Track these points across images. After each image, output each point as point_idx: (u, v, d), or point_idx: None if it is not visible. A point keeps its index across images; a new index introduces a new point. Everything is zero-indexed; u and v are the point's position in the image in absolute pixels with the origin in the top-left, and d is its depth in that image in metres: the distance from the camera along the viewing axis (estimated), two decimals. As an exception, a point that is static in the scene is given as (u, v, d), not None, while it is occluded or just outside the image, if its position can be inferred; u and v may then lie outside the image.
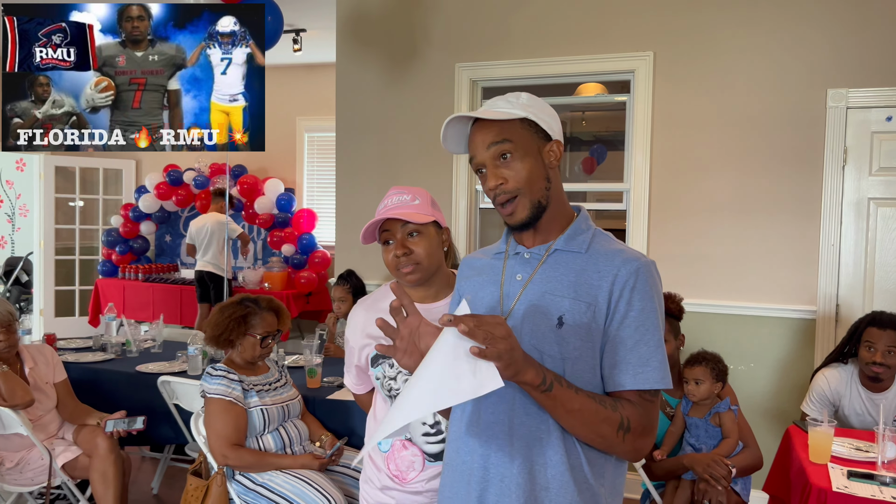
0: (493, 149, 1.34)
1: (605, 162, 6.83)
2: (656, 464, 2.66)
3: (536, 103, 1.39)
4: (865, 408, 2.87)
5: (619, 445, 1.29)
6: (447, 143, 1.41)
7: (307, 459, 2.77)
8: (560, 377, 1.25)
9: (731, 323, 3.72)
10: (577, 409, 1.24)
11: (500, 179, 1.35)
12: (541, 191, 1.36)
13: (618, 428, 1.27)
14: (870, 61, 3.45)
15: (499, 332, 1.13)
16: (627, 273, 1.31)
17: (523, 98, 1.39)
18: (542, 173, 1.36)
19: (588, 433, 1.28)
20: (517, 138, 1.34)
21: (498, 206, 1.38)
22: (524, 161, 1.34)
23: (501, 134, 1.34)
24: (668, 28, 3.78)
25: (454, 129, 1.39)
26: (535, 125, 1.36)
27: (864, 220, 3.50)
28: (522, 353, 1.19)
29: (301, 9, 5.65)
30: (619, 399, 1.30)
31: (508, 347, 1.14)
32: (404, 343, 1.28)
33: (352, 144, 4.55)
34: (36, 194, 7.66)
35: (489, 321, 1.14)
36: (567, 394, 1.24)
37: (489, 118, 1.34)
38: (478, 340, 1.11)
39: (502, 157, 1.34)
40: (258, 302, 2.95)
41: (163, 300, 7.10)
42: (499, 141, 1.34)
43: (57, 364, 3.31)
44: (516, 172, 1.34)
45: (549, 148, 1.38)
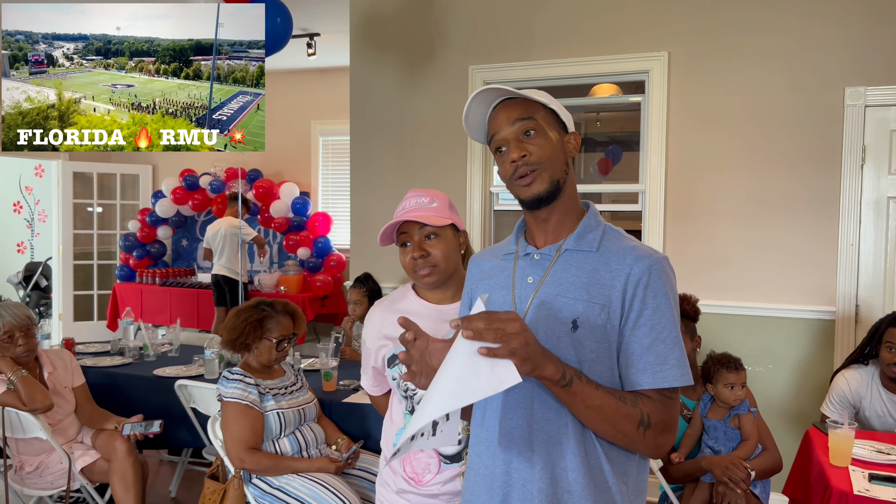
0: (519, 125, 1.34)
1: (621, 163, 6.80)
2: (674, 466, 2.64)
3: (554, 101, 1.41)
4: (887, 409, 2.83)
5: (640, 442, 1.28)
6: (468, 124, 1.40)
7: (323, 463, 2.77)
8: (580, 372, 1.24)
9: (749, 324, 3.69)
10: (597, 404, 1.23)
11: (524, 151, 1.34)
12: (561, 171, 1.36)
13: (638, 424, 1.26)
14: (888, 59, 3.41)
15: (511, 328, 1.12)
16: (640, 271, 1.29)
17: (542, 95, 1.40)
18: (562, 157, 1.37)
19: (608, 429, 1.27)
20: (541, 118, 1.36)
21: (516, 180, 1.36)
22: (547, 139, 1.35)
23: (528, 111, 1.35)
24: (682, 28, 3.76)
25: (475, 111, 1.39)
26: (556, 115, 1.38)
27: (884, 219, 3.46)
28: (540, 347, 1.18)
29: (315, 13, 5.69)
30: (640, 395, 1.29)
31: (523, 343, 1.13)
32: (418, 366, 1.29)
33: (366, 147, 4.56)
34: (54, 200, 7.74)
35: (501, 318, 1.13)
36: (587, 389, 1.23)
37: (517, 96, 1.35)
38: (488, 340, 1.10)
39: (526, 133, 1.35)
40: (274, 306, 2.96)
41: (180, 304, 7.15)
42: (525, 117, 1.34)
43: (75, 368, 3.34)
44: (540, 148, 1.34)
45: (568, 138, 1.39)
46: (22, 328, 3.07)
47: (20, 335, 3.06)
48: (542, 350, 1.18)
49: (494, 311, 1.15)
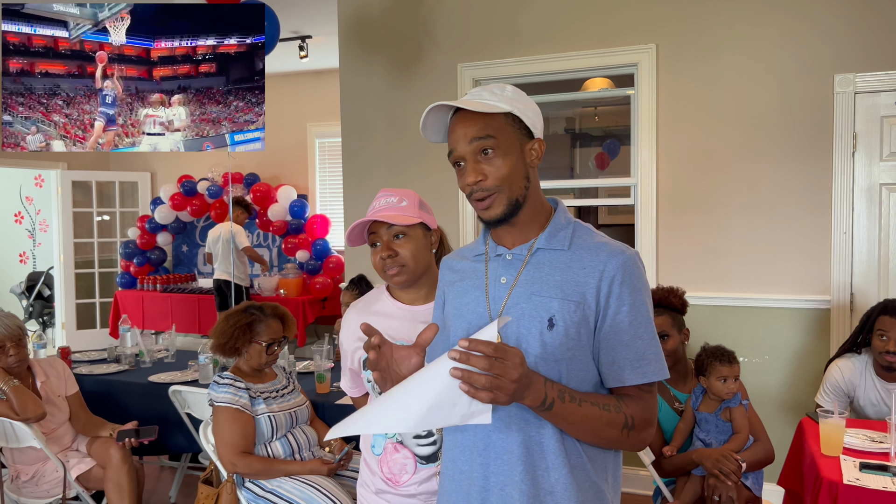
0: (475, 144, 1.30)
1: (619, 157, 6.79)
2: (666, 460, 2.63)
3: (521, 98, 1.35)
4: (881, 398, 2.81)
5: (624, 442, 1.29)
6: (426, 131, 1.36)
7: (316, 465, 2.77)
8: (565, 392, 1.23)
9: (744, 315, 3.67)
10: (579, 420, 1.24)
11: (480, 175, 1.31)
12: (520, 189, 1.33)
13: (622, 428, 1.27)
14: (877, 44, 3.38)
15: (509, 375, 1.10)
16: (614, 268, 1.29)
17: (508, 91, 1.34)
18: (522, 172, 1.32)
19: (592, 439, 1.28)
20: (500, 134, 1.30)
21: (473, 202, 1.34)
22: (506, 158, 1.30)
23: (485, 129, 1.29)
24: (669, 19, 3.74)
25: (434, 117, 1.34)
26: (519, 121, 1.32)
27: (877, 206, 3.43)
28: (527, 380, 1.15)
29: (305, 16, 5.68)
30: (622, 397, 1.29)
31: (510, 393, 1.11)
32: (387, 374, 1.28)
33: (358, 148, 4.55)
34: (55, 209, 7.77)
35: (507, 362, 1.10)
36: (568, 409, 1.22)
37: (473, 109, 1.29)
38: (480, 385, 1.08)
39: (483, 152, 1.30)
40: (263, 309, 2.96)
41: (181, 310, 7.16)
42: (482, 136, 1.29)
43: (69, 377, 3.34)
44: (497, 169, 1.30)
45: (532, 146, 1.34)
46: (13, 338, 3.08)
47: (11, 346, 3.07)
48: (527, 383, 1.16)
49: (503, 348, 1.11)
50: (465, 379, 1.07)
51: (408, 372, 1.26)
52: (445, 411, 1.10)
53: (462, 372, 1.08)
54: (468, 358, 1.08)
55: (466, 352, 1.08)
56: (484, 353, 1.08)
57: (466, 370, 1.08)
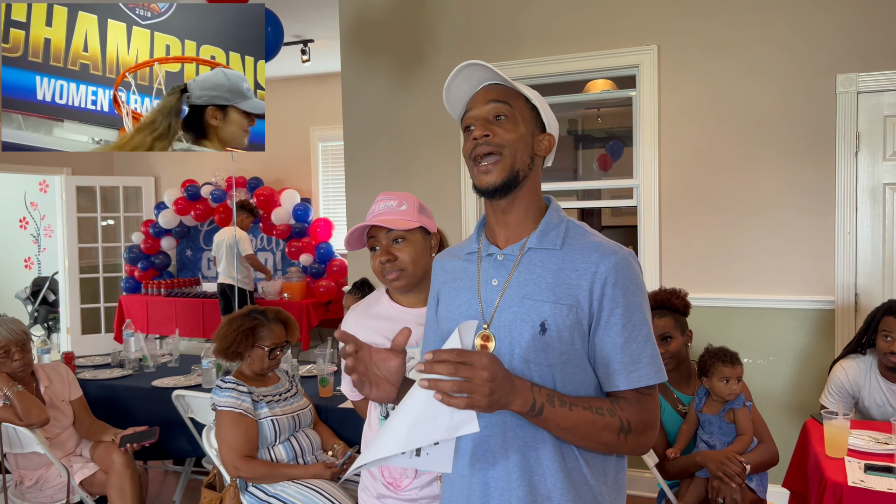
0: (492, 105, 1.32)
1: (623, 158, 6.78)
2: (670, 462, 2.62)
3: (543, 101, 1.40)
4: (886, 399, 2.79)
5: (623, 447, 1.27)
6: (449, 94, 1.35)
7: (319, 469, 2.77)
8: (553, 395, 1.21)
9: (748, 316, 3.66)
10: (572, 425, 1.22)
11: (488, 131, 1.31)
12: (522, 162, 1.33)
13: (618, 432, 1.25)
14: (879, 44, 3.37)
15: (479, 377, 1.09)
16: (607, 269, 1.27)
17: (530, 91, 1.38)
18: (528, 149, 1.34)
19: (588, 444, 1.26)
20: (517, 108, 1.33)
21: (473, 164, 1.33)
22: (516, 128, 1.32)
23: (505, 96, 1.32)
24: (670, 20, 3.73)
25: (459, 87, 1.34)
26: (537, 112, 1.36)
27: (881, 206, 3.42)
28: (507, 384, 1.14)
29: (307, 19, 5.70)
30: (617, 400, 1.27)
31: (486, 393, 1.10)
32: (366, 377, 1.25)
33: (360, 151, 4.56)
34: (59, 215, 7.80)
35: (473, 364, 1.09)
36: (559, 413, 1.20)
37: (501, 82, 1.32)
38: (450, 390, 1.08)
39: (496, 117, 1.32)
40: (266, 314, 2.96)
41: (185, 314, 7.18)
42: (500, 100, 1.32)
43: (72, 382, 3.35)
44: (505, 132, 1.31)
45: (543, 137, 1.36)
46: (18, 343, 3.09)
47: (16, 350, 3.07)
48: (509, 387, 1.15)
49: (467, 353, 1.10)
50: (434, 387, 1.07)
51: (387, 374, 1.25)
52: (428, 426, 1.09)
53: (430, 381, 1.08)
54: (432, 367, 1.08)
55: (430, 362, 1.08)
56: (447, 360, 1.08)
57: (434, 379, 1.08)
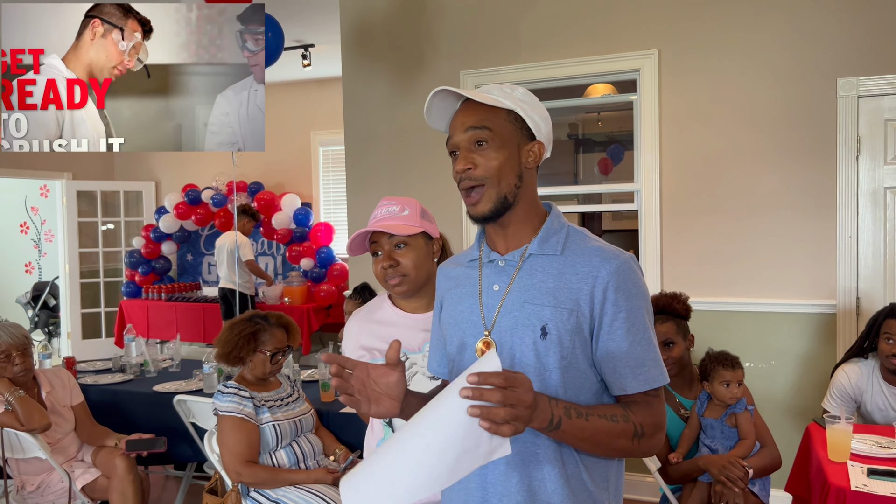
0: (470, 133, 1.30)
1: (624, 162, 6.78)
2: (672, 467, 2.62)
3: (530, 101, 1.34)
4: (888, 402, 2.80)
5: (636, 451, 1.28)
6: (430, 116, 1.35)
7: (320, 474, 2.76)
8: (570, 408, 1.20)
9: (750, 320, 3.65)
10: (589, 436, 1.22)
11: (469, 164, 1.30)
12: (509, 186, 1.31)
13: (633, 437, 1.25)
14: (880, 48, 3.38)
15: (525, 402, 1.08)
16: (608, 273, 1.27)
17: (518, 92, 1.34)
18: (514, 170, 1.31)
19: (603, 451, 1.26)
20: (497, 128, 1.30)
21: (463, 193, 1.33)
22: (499, 152, 1.29)
23: (483, 121, 1.29)
24: (671, 24, 3.74)
25: (441, 105, 1.34)
26: (522, 121, 1.32)
27: (882, 209, 3.42)
28: (535, 405, 1.13)
29: (308, 24, 5.71)
30: (629, 405, 1.28)
31: (528, 420, 1.10)
32: (364, 395, 1.22)
33: (361, 156, 4.56)
34: (60, 219, 7.80)
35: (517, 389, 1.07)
36: (577, 425, 1.20)
37: (476, 99, 1.29)
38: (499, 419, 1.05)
39: (477, 143, 1.30)
40: (267, 318, 2.96)
41: (186, 319, 7.18)
42: (478, 126, 1.29)
43: (74, 387, 3.35)
44: (487, 161, 1.29)
45: (530, 147, 1.33)
46: (19, 348, 3.09)
47: (17, 355, 3.07)
48: (535, 407, 1.14)
49: (511, 375, 1.08)
50: (485, 416, 1.04)
51: (387, 389, 1.22)
52: (472, 455, 1.05)
53: (480, 409, 1.04)
54: (481, 394, 1.04)
55: (478, 388, 1.05)
56: (496, 386, 1.05)
57: (483, 406, 1.04)
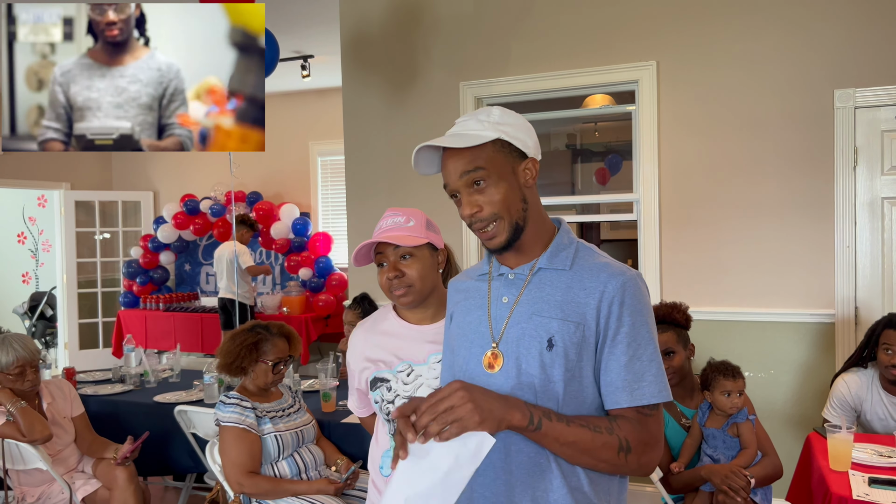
0: (466, 177, 1.32)
1: (622, 172, 6.81)
2: (674, 476, 2.62)
3: (509, 119, 1.35)
4: (888, 412, 2.81)
5: (624, 466, 1.28)
6: (419, 167, 1.38)
7: (322, 485, 2.76)
8: (549, 412, 1.24)
9: (749, 330, 3.67)
10: (571, 441, 1.23)
11: (475, 207, 1.33)
12: (518, 212, 1.34)
13: (618, 450, 1.25)
14: (876, 60, 3.41)
15: (454, 400, 1.15)
16: (614, 289, 1.29)
17: (495, 115, 1.35)
18: (517, 195, 1.34)
19: (588, 461, 1.27)
20: (489, 163, 1.31)
21: (476, 232, 1.36)
22: (498, 186, 1.32)
23: (473, 161, 1.31)
24: (670, 36, 3.77)
25: (425, 153, 1.36)
26: (509, 145, 1.33)
27: (879, 219, 3.45)
28: (497, 402, 1.19)
29: (307, 35, 5.74)
30: (616, 419, 1.28)
31: (470, 410, 1.14)
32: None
33: (361, 166, 4.58)
34: (57, 229, 7.80)
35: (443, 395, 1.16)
36: (558, 428, 1.23)
37: (457, 147, 1.31)
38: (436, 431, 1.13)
39: (475, 184, 1.32)
40: (269, 328, 2.96)
41: (184, 329, 7.17)
42: (471, 169, 1.31)
43: (75, 398, 3.34)
44: (490, 198, 1.32)
45: (525, 167, 1.35)
46: (32, 364, 3.09)
47: (31, 371, 3.07)
48: (500, 403, 1.19)
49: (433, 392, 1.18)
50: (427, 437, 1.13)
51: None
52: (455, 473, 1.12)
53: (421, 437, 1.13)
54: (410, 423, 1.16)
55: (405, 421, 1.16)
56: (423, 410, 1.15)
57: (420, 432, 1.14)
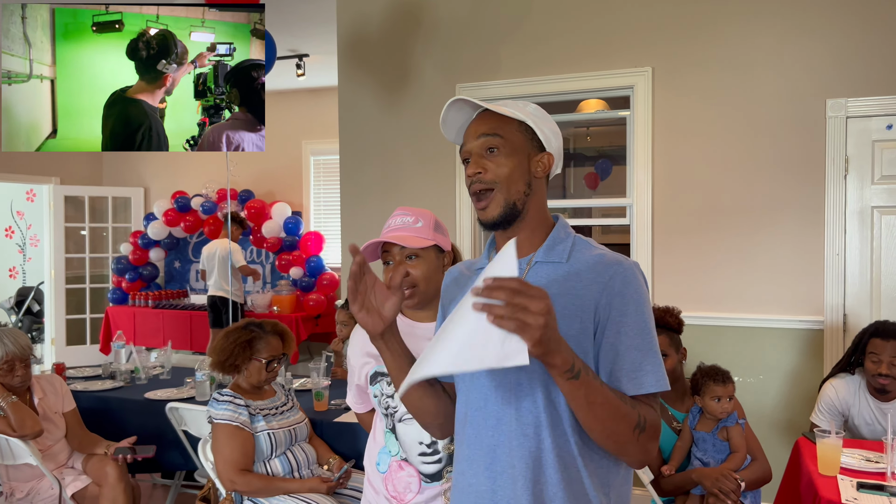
0: (482, 140, 1.35)
1: (612, 177, 6.85)
2: (665, 479, 2.64)
3: (542, 115, 1.40)
4: (875, 417, 2.84)
5: (633, 445, 1.26)
6: (445, 126, 1.41)
7: (315, 483, 2.77)
8: (588, 367, 1.21)
9: (739, 335, 3.71)
10: (600, 402, 1.21)
11: (480, 168, 1.35)
12: (518, 193, 1.35)
13: (635, 426, 1.25)
14: (868, 70, 3.46)
15: (535, 306, 1.07)
16: (611, 279, 1.30)
17: (531, 107, 1.40)
18: (523, 177, 1.36)
19: (605, 429, 1.24)
20: (508, 136, 1.35)
21: (473, 198, 1.37)
22: (509, 159, 1.34)
23: (495, 128, 1.35)
24: (665, 43, 3.81)
25: (456, 117, 1.40)
26: (533, 133, 1.37)
27: (868, 228, 3.49)
28: (556, 333, 1.13)
29: (303, 34, 5.73)
30: (635, 398, 1.28)
31: (541, 325, 1.07)
32: (362, 298, 1.30)
33: (356, 166, 4.58)
34: (46, 224, 7.74)
35: (530, 293, 1.07)
36: (593, 385, 1.20)
37: (491, 108, 1.35)
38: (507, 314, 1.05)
39: (489, 150, 1.35)
40: (263, 326, 2.97)
41: (173, 326, 7.13)
42: (489, 133, 1.35)
43: (66, 394, 3.33)
44: (497, 166, 1.34)
45: (540, 158, 1.38)
46: (23, 359, 3.07)
47: (21, 366, 3.06)
48: (556, 336, 1.13)
49: (525, 283, 1.09)
50: (488, 311, 1.06)
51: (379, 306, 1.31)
52: (478, 351, 1.07)
53: (484, 305, 1.06)
54: (490, 292, 1.06)
55: (488, 287, 1.07)
56: (504, 287, 1.07)
57: (488, 304, 1.06)
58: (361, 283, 1.29)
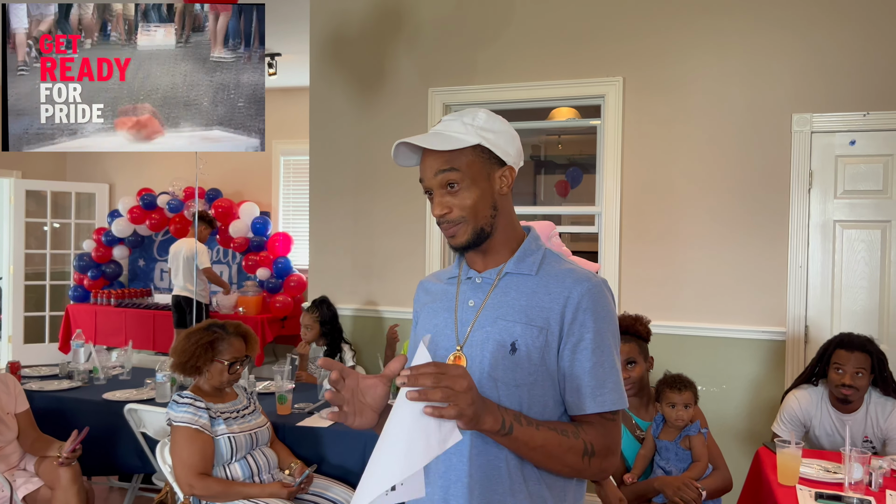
0: (440, 177, 1.33)
1: (582, 185, 6.89)
2: (627, 487, 2.65)
3: (494, 126, 1.35)
4: (835, 428, 2.88)
5: (587, 470, 1.29)
6: (398, 159, 1.39)
7: (275, 488, 2.72)
8: (519, 415, 1.24)
9: (702, 345, 3.74)
10: (539, 445, 1.24)
11: (445, 209, 1.34)
12: (485, 219, 1.35)
13: (583, 454, 1.27)
14: (833, 87, 3.52)
15: (459, 386, 1.11)
16: (579, 294, 1.30)
17: (480, 119, 1.34)
18: (488, 202, 1.35)
19: (554, 465, 1.27)
20: (465, 167, 1.32)
21: (442, 229, 1.38)
22: (471, 191, 1.33)
23: (450, 162, 1.32)
24: (637, 53, 3.83)
25: (406, 149, 1.37)
26: (489, 151, 1.34)
27: (831, 242, 3.55)
28: (481, 401, 1.17)
29: (275, 33, 5.66)
30: (581, 424, 1.30)
31: (469, 402, 1.12)
32: (351, 406, 1.23)
33: (325, 168, 4.54)
34: (6, 219, 7.55)
35: (451, 374, 1.11)
36: (527, 432, 1.22)
37: (437, 148, 1.31)
38: (436, 399, 1.09)
39: (449, 185, 1.33)
40: (226, 327, 2.91)
41: (136, 326, 6.99)
42: (446, 169, 1.32)
43: (19, 394, 3.23)
44: (461, 201, 1.33)
45: (502, 174, 1.36)
46: None
47: None
48: (482, 403, 1.17)
49: (443, 364, 1.13)
50: (423, 398, 1.09)
51: (373, 401, 1.23)
52: (423, 444, 1.10)
53: (417, 393, 1.09)
54: (416, 379, 1.09)
55: (413, 376, 1.10)
56: (428, 373, 1.10)
57: (423, 390, 1.09)
58: (346, 389, 1.22)
